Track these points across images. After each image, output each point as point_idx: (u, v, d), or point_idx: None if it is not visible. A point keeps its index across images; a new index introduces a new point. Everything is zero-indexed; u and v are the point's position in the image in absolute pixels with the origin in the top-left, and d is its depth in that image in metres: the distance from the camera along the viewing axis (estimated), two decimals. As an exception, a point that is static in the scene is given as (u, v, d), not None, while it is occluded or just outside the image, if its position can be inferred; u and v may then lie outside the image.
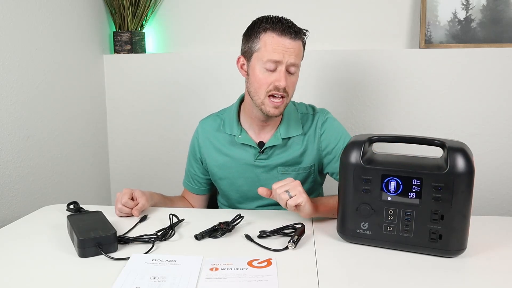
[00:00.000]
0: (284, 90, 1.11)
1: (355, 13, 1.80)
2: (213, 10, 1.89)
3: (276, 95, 1.11)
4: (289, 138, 1.21)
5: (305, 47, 1.17)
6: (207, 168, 1.31)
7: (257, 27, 1.12)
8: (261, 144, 1.22)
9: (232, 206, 1.32)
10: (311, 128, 1.23)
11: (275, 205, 1.25)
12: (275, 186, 1.02)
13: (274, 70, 1.10)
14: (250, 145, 1.22)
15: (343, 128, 1.26)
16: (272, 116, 1.15)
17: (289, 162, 1.22)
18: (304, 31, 1.14)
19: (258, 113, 1.17)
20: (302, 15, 1.81)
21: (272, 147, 1.21)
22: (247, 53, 1.15)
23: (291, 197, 1.00)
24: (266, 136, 1.22)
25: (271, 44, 1.09)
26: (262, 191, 1.06)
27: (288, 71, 1.11)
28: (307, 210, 1.02)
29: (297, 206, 1.01)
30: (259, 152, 1.21)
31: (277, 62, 1.09)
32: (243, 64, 1.17)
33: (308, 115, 1.25)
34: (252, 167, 1.23)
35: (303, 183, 1.24)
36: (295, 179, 1.21)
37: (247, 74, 1.17)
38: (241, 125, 1.24)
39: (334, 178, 1.25)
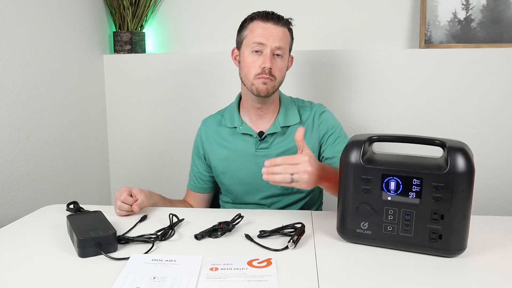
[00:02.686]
0: (270, 73, 1.18)
1: (355, 13, 1.80)
2: (213, 10, 1.89)
3: (263, 77, 1.18)
4: (288, 127, 1.27)
5: (293, 36, 1.25)
6: (210, 164, 1.34)
7: (246, 19, 1.24)
8: (261, 134, 1.27)
9: (235, 201, 1.34)
10: (309, 118, 1.29)
11: (278, 196, 1.28)
12: (281, 161, 0.96)
13: (260, 54, 1.19)
14: (250, 135, 1.27)
15: (338, 120, 1.32)
16: (262, 96, 1.20)
17: (289, 150, 1.26)
18: (289, 19, 1.23)
19: (253, 98, 1.24)
20: (301, 15, 1.81)
21: (272, 135, 1.26)
22: (238, 44, 1.26)
23: (292, 180, 0.96)
24: (266, 126, 1.28)
25: (256, 29, 1.19)
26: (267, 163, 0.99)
27: (274, 55, 1.19)
28: (304, 186, 0.99)
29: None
30: (259, 140, 1.25)
31: (262, 45, 1.18)
32: (236, 55, 1.28)
33: (305, 107, 1.32)
34: (254, 157, 1.27)
35: None
36: None
37: (239, 62, 1.26)
38: (241, 117, 1.30)
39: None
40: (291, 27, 1.24)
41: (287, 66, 1.27)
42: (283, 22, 1.20)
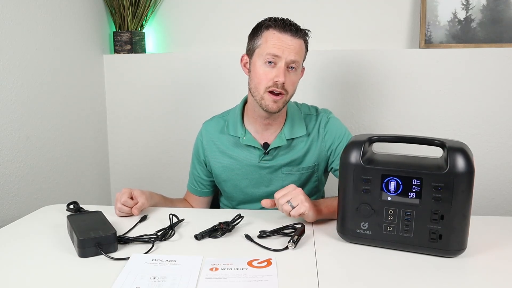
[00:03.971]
0: (283, 87, 1.12)
1: (355, 13, 1.80)
2: (213, 10, 1.89)
3: (275, 92, 1.12)
4: (293, 138, 1.22)
5: (308, 48, 1.19)
6: (211, 170, 1.31)
7: (261, 26, 1.16)
8: (265, 145, 1.23)
9: (235, 207, 1.32)
10: (315, 129, 1.24)
11: None
12: (277, 195, 1.03)
13: (274, 66, 1.12)
14: (254, 147, 1.22)
15: (344, 126, 1.28)
16: (271, 112, 1.15)
17: (293, 162, 1.23)
18: (306, 31, 1.16)
19: (260, 111, 1.18)
20: (302, 15, 1.81)
21: (276, 148, 1.22)
22: (250, 51, 1.18)
23: (293, 207, 1.01)
24: (270, 137, 1.23)
25: (272, 39, 1.11)
26: (266, 203, 1.06)
27: (288, 68, 1.13)
28: (311, 216, 1.04)
29: (300, 214, 1.02)
30: (264, 153, 1.22)
31: (277, 57, 1.11)
32: (246, 62, 1.20)
33: (311, 115, 1.26)
34: (257, 168, 1.24)
35: (306, 182, 1.26)
36: (299, 178, 1.23)
37: (249, 71, 1.19)
38: (245, 126, 1.24)
39: (335, 175, 1.25)
40: (307, 38, 1.17)
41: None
42: (301, 34, 1.13)
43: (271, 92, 1.13)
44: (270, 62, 1.11)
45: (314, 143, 1.24)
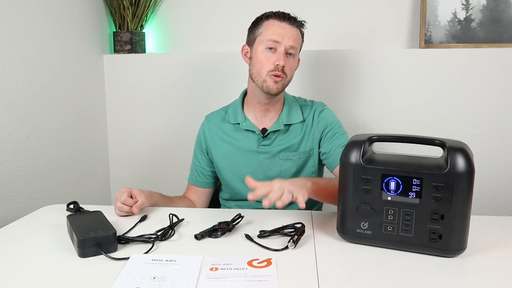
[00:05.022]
0: (283, 70, 1.20)
1: (355, 13, 1.80)
2: (213, 10, 1.89)
3: (276, 75, 1.20)
4: (290, 124, 1.29)
5: (303, 39, 1.28)
6: (212, 159, 1.35)
7: (261, 17, 1.26)
8: (264, 131, 1.29)
9: (234, 196, 1.34)
10: (309, 116, 1.31)
11: None
12: (269, 196, 0.96)
13: (274, 52, 1.20)
14: (253, 131, 1.28)
15: (338, 118, 1.34)
16: (272, 94, 1.22)
17: (290, 147, 1.28)
18: (302, 21, 1.26)
19: (261, 95, 1.25)
20: (302, 15, 1.81)
21: (274, 132, 1.28)
22: (250, 40, 1.27)
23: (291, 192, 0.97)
24: (269, 123, 1.29)
25: (272, 27, 1.21)
26: (249, 180, 1.00)
27: (287, 54, 1.21)
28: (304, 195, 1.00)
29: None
30: (262, 137, 1.27)
31: (277, 43, 1.20)
32: (247, 51, 1.29)
33: (307, 105, 1.34)
34: (255, 154, 1.28)
35: (303, 166, 1.31)
36: (296, 163, 1.29)
37: (250, 59, 1.27)
38: (244, 114, 1.31)
39: (324, 161, 1.30)
40: (303, 29, 1.26)
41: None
42: (298, 23, 1.24)
43: (273, 75, 1.20)
44: (270, 48, 1.20)
45: (308, 129, 1.30)
